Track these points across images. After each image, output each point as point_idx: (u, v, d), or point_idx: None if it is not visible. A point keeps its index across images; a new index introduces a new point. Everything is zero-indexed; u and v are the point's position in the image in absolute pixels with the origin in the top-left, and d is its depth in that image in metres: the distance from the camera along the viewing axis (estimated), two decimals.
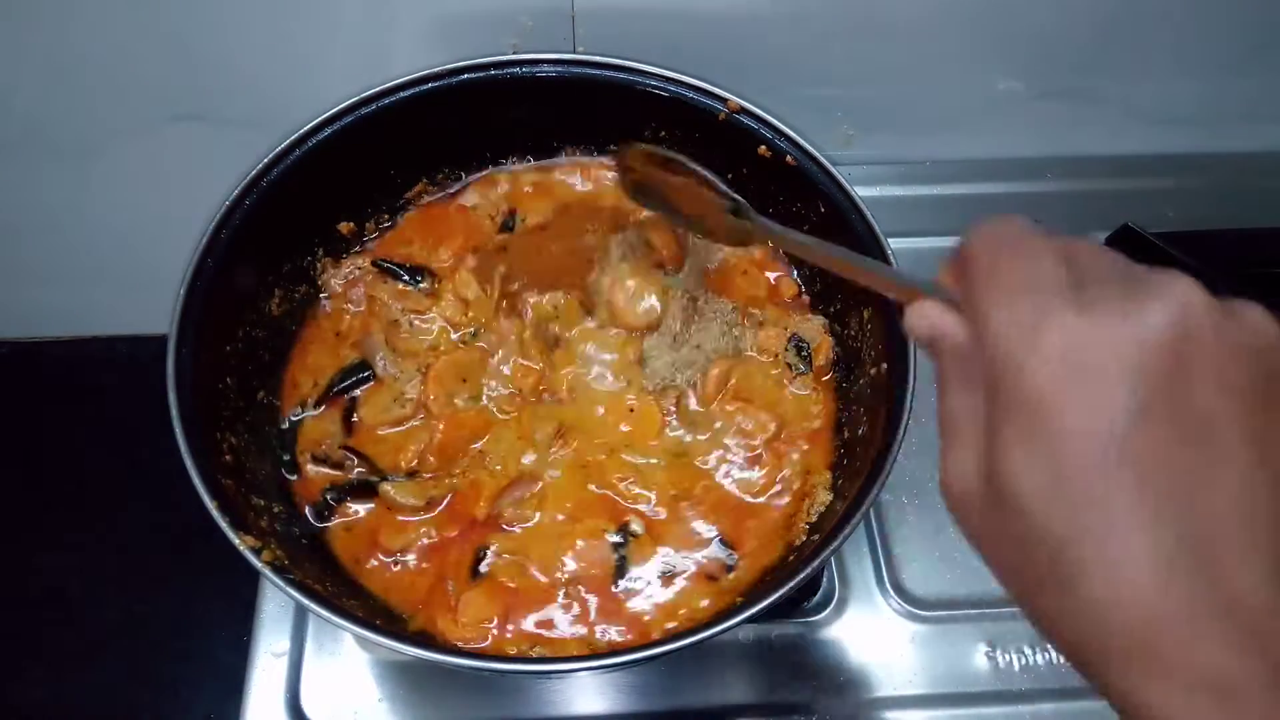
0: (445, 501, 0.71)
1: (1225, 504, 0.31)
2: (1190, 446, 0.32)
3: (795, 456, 0.74)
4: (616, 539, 0.70)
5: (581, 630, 0.67)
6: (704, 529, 0.71)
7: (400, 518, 0.70)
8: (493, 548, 0.70)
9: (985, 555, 0.37)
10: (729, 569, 0.70)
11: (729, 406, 0.75)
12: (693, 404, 0.75)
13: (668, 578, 0.69)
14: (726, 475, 0.73)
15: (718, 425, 0.75)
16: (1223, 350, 0.32)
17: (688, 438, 0.74)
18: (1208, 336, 0.32)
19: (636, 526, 0.70)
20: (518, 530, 0.70)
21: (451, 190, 0.85)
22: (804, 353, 0.78)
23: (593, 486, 0.72)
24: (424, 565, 0.69)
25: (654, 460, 0.73)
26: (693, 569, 0.69)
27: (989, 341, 0.35)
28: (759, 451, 0.74)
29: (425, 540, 0.70)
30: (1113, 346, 0.32)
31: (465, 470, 0.72)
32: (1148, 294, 0.33)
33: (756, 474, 0.73)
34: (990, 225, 0.40)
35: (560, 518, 0.71)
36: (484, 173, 0.85)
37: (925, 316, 0.40)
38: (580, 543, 0.70)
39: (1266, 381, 0.33)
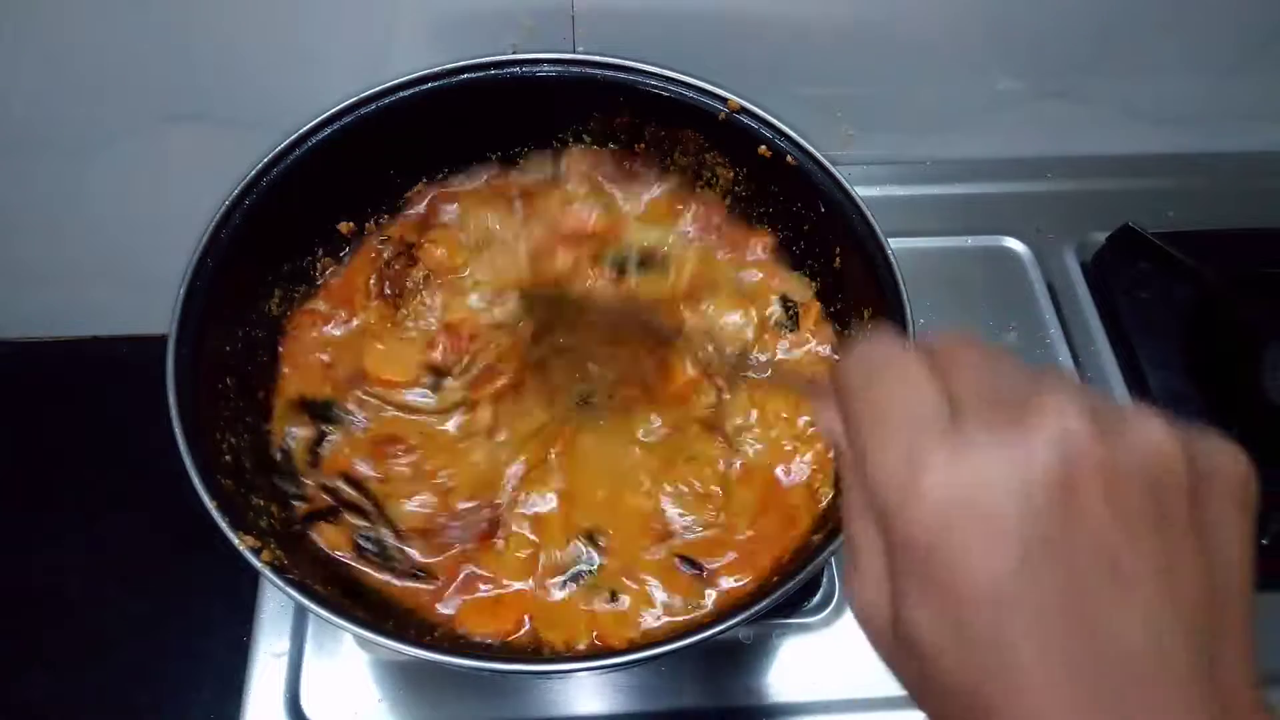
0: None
1: (1136, 638, 0.30)
2: (1090, 581, 0.30)
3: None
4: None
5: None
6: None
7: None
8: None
9: (903, 683, 0.35)
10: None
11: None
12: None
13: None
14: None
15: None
16: (1113, 475, 0.30)
17: None
18: (1094, 462, 0.30)
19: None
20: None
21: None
22: (791, 311, 0.78)
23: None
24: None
25: None
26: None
27: (869, 486, 0.34)
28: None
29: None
30: (993, 485, 0.30)
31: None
32: (1027, 423, 0.31)
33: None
34: (858, 348, 0.37)
35: None
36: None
37: (830, 421, 0.38)
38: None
39: (1163, 500, 0.31)
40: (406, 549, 0.69)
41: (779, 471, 0.72)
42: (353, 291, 0.79)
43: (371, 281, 0.79)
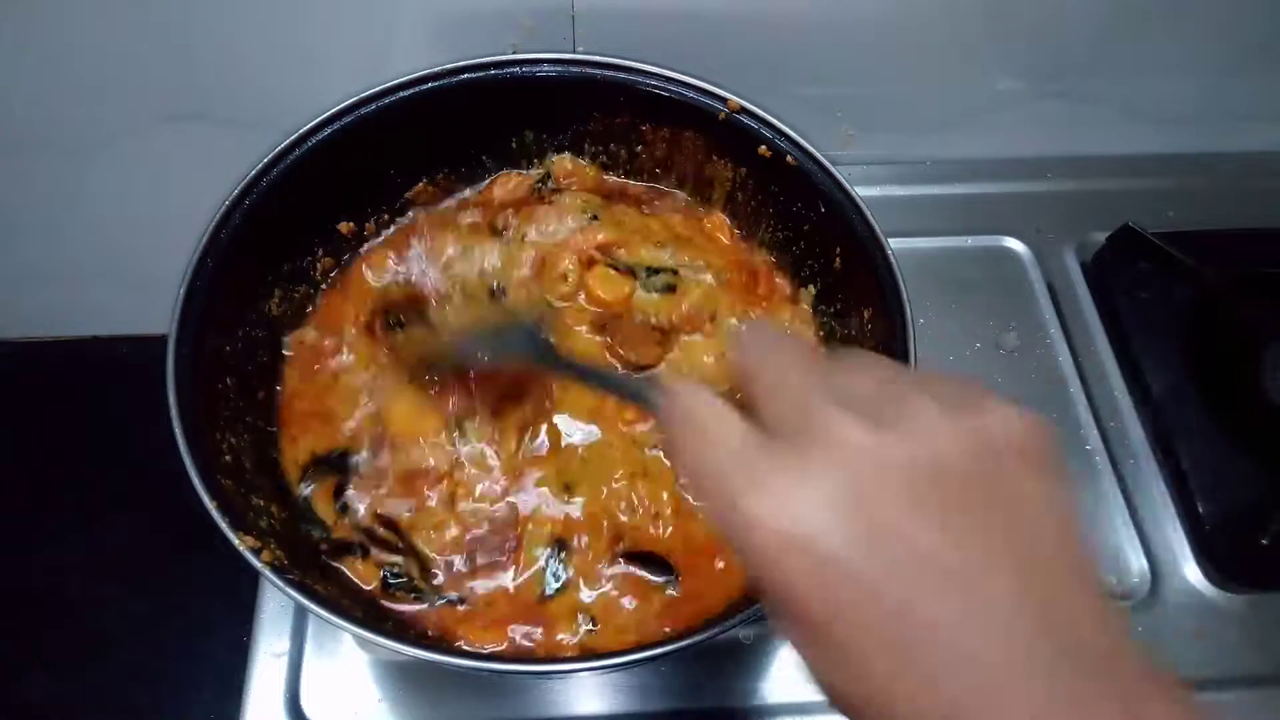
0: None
1: (953, 631, 0.31)
2: (904, 582, 0.31)
3: None
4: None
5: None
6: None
7: None
8: None
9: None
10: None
11: None
12: None
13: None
14: None
15: None
16: (899, 472, 0.32)
17: None
18: (879, 465, 0.32)
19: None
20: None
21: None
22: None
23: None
24: None
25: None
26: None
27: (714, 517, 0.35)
28: None
29: None
30: (800, 512, 0.32)
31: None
32: (810, 442, 0.33)
33: None
34: (672, 394, 0.39)
35: None
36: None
37: None
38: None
39: (957, 482, 0.32)
40: (436, 574, 0.68)
41: None
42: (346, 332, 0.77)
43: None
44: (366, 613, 0.65)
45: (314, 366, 0.76)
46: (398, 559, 0.69)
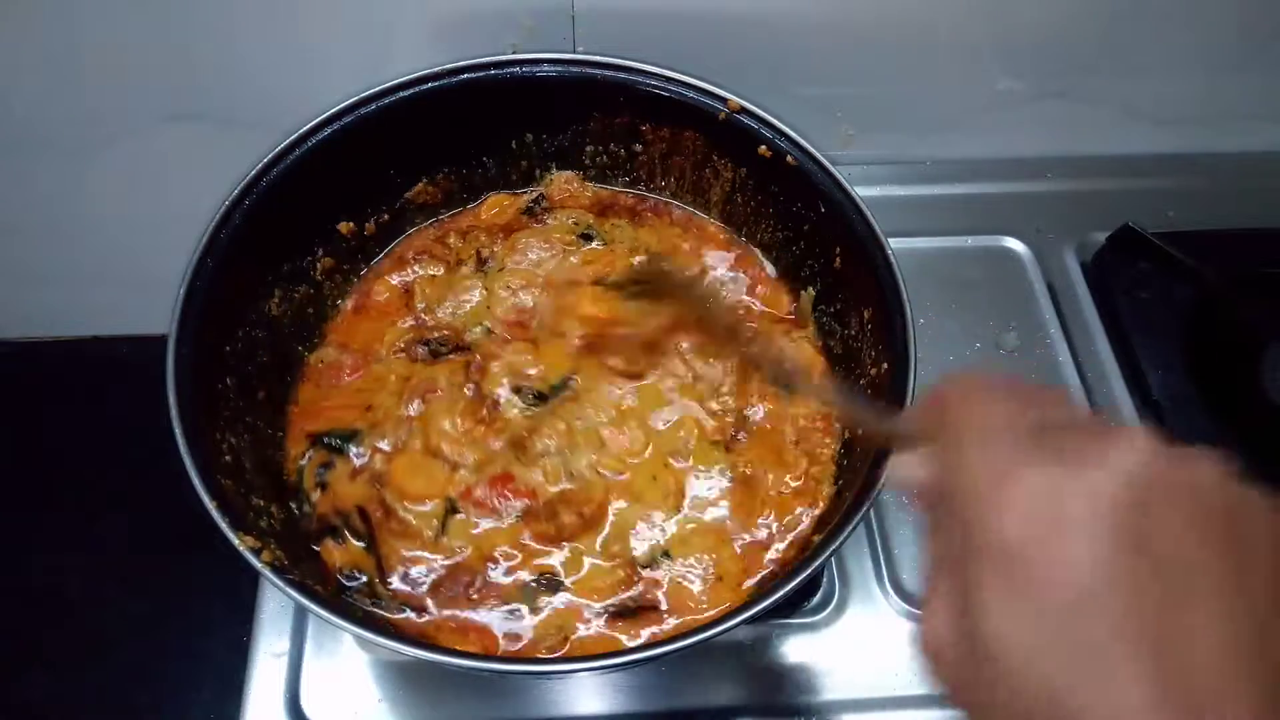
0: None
1: (1209, 644, 0.32)
2: (1166, 590, 0.32)
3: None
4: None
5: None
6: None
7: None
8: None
9: (966, 706, 0.37)
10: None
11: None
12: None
13: None
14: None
15: None
16: (1183, 495, 0.34)
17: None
18: (1167, 482, 0.34)
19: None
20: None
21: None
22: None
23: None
24: None
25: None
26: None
27: (959, 490, 0.37)
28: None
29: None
30: (1080, 496, 0.33)
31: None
32: (1104, 444, 0.34)
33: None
34: (962, 374, 0.42)
35: None
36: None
37: (911, 469, 0.42)
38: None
39: (1226, 521, 0.34)
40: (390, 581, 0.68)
41: None
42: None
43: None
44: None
45: (333, 382, 0.77)
46: (361, 549, 0.69)
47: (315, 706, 0.72)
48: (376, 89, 0.73)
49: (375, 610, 0.67)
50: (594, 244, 0.83)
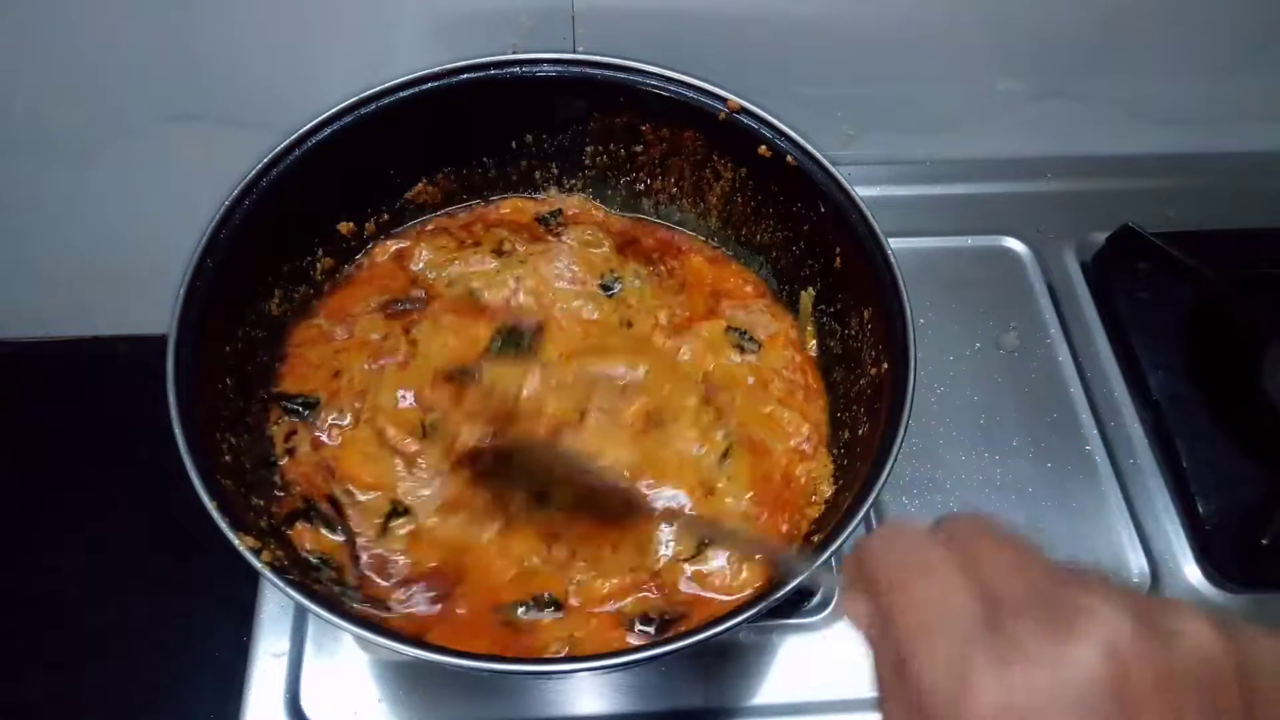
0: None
1: None
2: None
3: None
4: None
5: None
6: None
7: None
8: None
9: None
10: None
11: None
12: None
13: None
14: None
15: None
16: (1165, 684, 0.30)
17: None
18: (1146, 671, 0.30)
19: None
20: None
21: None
22: (747, 336, 0.79)
23: None
24: None
25: None
26: None
27: (914, 693, 0.33)
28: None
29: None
30: (1049, 699, 0.30)
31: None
32: (1071, 633, 0.30)
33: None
34: (886, 535, 0.37)
35: None
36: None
37: (864, 611, 0.37)
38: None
39: (1215, 705, 0.30)
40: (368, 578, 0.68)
41: None
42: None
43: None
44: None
45: (321, 346, 0.78)
46: (334, 539, 0.69)
47: (315, 706, 0.72)
48: (376, 89, 0.73)
49: (343, 597, 0.66)
50: (614, 291, 0.82)
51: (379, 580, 0.68)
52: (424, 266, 0.81)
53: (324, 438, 0.73)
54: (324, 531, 0.69)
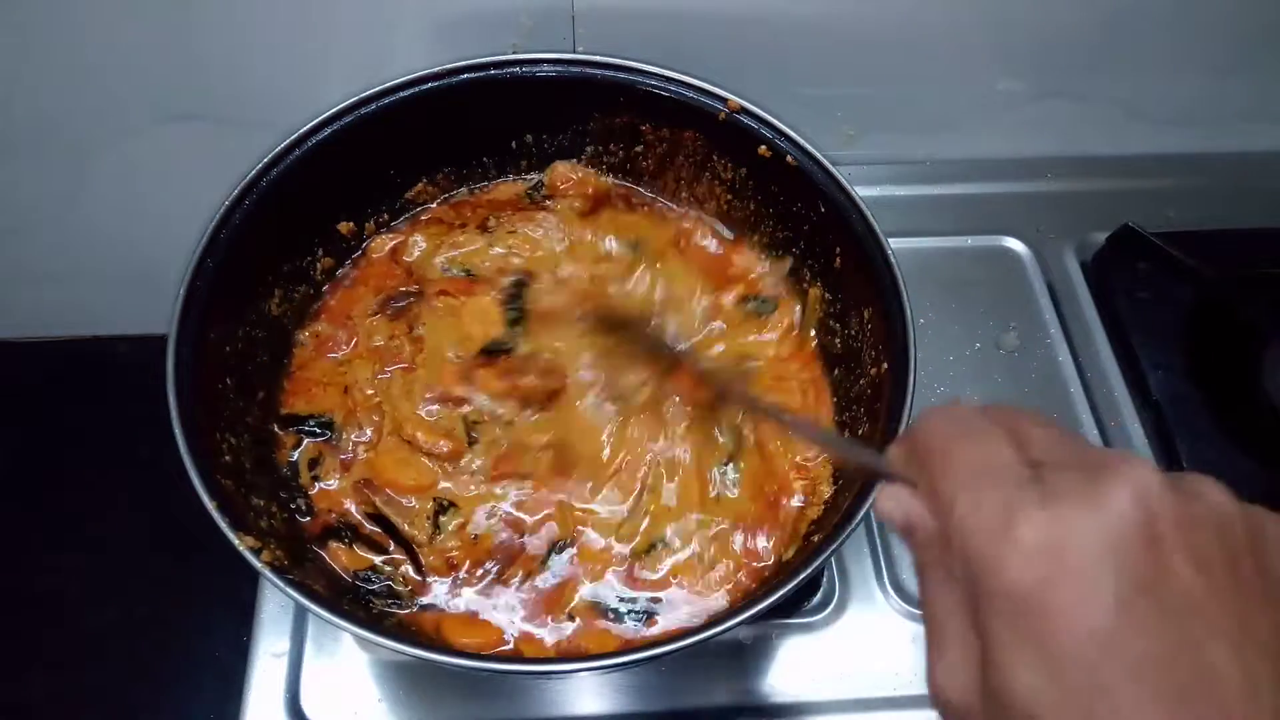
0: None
1: (1229, 679, 0.31)
2: (1183, 630, 0.32)
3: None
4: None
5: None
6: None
7: None
8: None
9: None
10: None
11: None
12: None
13: None
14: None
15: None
16: (1189, 528, 0.33)
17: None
18: (1172, 516, 0.33)
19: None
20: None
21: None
22: (765, 300, 0.80)
23: None
24: None
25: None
26: None
27: (959, 538, 0.35)
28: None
29: None
30: (1086, 537, 0.32)
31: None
32: (1107, 480, 0.33)
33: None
34: (937, 411, 0.40)
35: None
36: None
37: (899, 502, 0.39)
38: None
39: (1232, 552, 0.33)
40: (428, 581, 0.69)
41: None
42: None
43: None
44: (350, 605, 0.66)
45: (325, 356, 0.78)
46: (378, 559, 0.69)
47: (315, 706, 0.72)
48: (376, 89, 0.73)
49: (392, 610, 0.67)
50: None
51: (444, 577, 0.69)
52: (418, 257, 0.82)
53: (351, 457, 0.73)
54: (359, 550, 0.69)
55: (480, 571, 0.69)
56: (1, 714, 0.93)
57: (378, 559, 0.69)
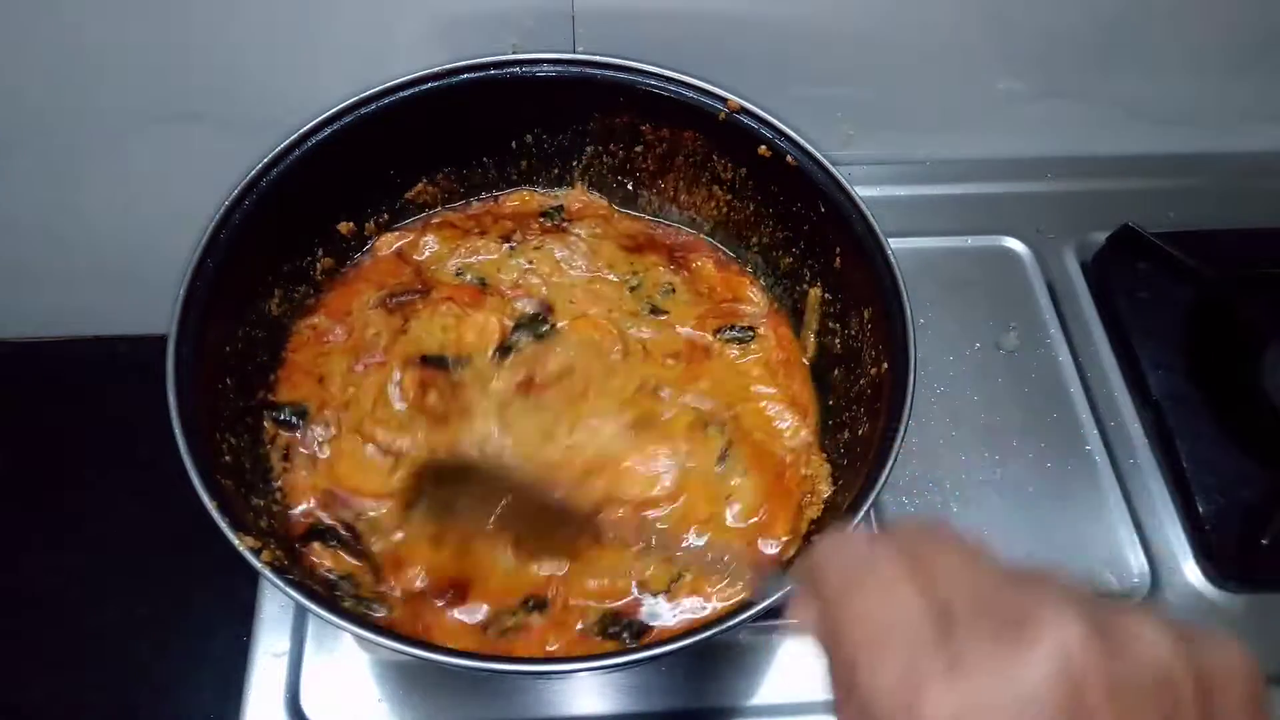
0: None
1: None
2: None
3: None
4: None
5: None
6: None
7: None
8: None
9: None
10: None
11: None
12: None
13: None
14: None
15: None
16: (1118, 692, 0.29)
17: None
18: (1099, 682, 0.29)
19: None
20: None
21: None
22: (744, 329, 0.80)
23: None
24: None
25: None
26: None
27: (862, 699, 0.32)
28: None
29: None
30: (1000, 709, 0.29)
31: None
32: (1022, 642, 0.30)
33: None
34: (832, 545, 0.37)
35: None
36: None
37: (811, 625, 0.37)
38: None
39: (1172, 707, 0.30)
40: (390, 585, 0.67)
41: None
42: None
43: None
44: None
45: (318, 348, 0.77)
46: (354, 563, 0.68)
47: (315, 706, 0.72)
48: (376, 89, 0.73)
49: (366, 612, 0.67)
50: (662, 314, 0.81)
51: (402, 594, 0.67)
52: (429, 257, 0.81)
53: (316, 453, 0.72)
54: (342, 553, 0.69)
55: (440, 602, 0.67)
56: (1, 714, 0.93)
57: (350, 561, 0.68)
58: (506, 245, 0.82)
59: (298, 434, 0.72)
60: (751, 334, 0.80)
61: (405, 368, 0.74)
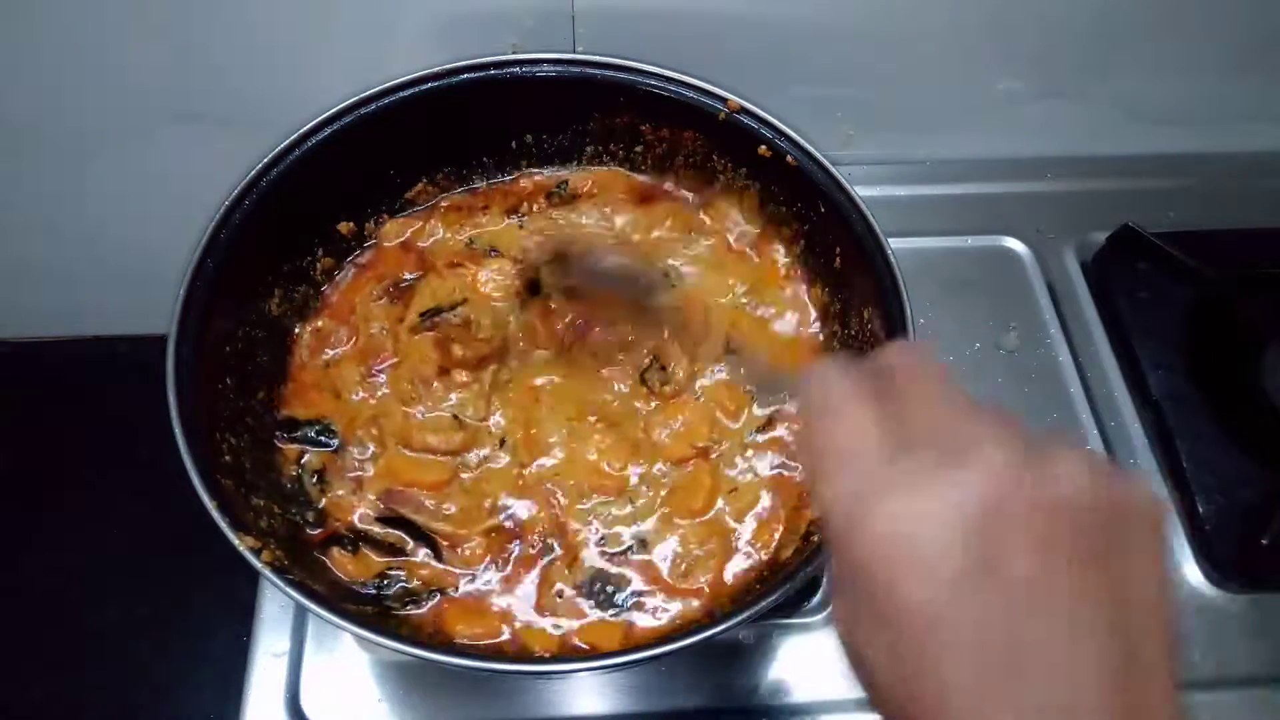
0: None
1: (1062, 670, 0.32)
2: (1007, 607, 0.32)
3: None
4: None
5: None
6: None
7: None
8: None
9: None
10: None
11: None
12: None
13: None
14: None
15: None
16: (1036, 511, 0.33)
17: None
18: (1020, 499, 0.33)
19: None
20: None
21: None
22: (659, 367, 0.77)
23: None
24: None
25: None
26: None
27: (821, 514, 0.37)
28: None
29: None
30: (930, 520, 0.33)
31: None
32: (960, 462, 0.34)
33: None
34: (823, 374, 0.40)
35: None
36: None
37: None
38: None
39: (1081, 533, 0.33)
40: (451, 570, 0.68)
41: None
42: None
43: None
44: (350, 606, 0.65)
45: (325, 353, 0.78)
46: (392, 561, 0.68)
47: (315, 706, 0.72)
48: (376, 89, 0.73)
49: (408, 612, 0.67)
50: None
51: (470, 568, 0.69)
52: (433, 244, 0.81)
53: (359, 474, 0.72)
54: (367, 555, 0.69)
55: (504, 554, 0.69)
56: (1, 714, 0.93)
57: (391, 562, 0.68)
58: (516, 218, 0.83)
59: (336, 456, 0.72)
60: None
61: (413, 347, 0.75)
